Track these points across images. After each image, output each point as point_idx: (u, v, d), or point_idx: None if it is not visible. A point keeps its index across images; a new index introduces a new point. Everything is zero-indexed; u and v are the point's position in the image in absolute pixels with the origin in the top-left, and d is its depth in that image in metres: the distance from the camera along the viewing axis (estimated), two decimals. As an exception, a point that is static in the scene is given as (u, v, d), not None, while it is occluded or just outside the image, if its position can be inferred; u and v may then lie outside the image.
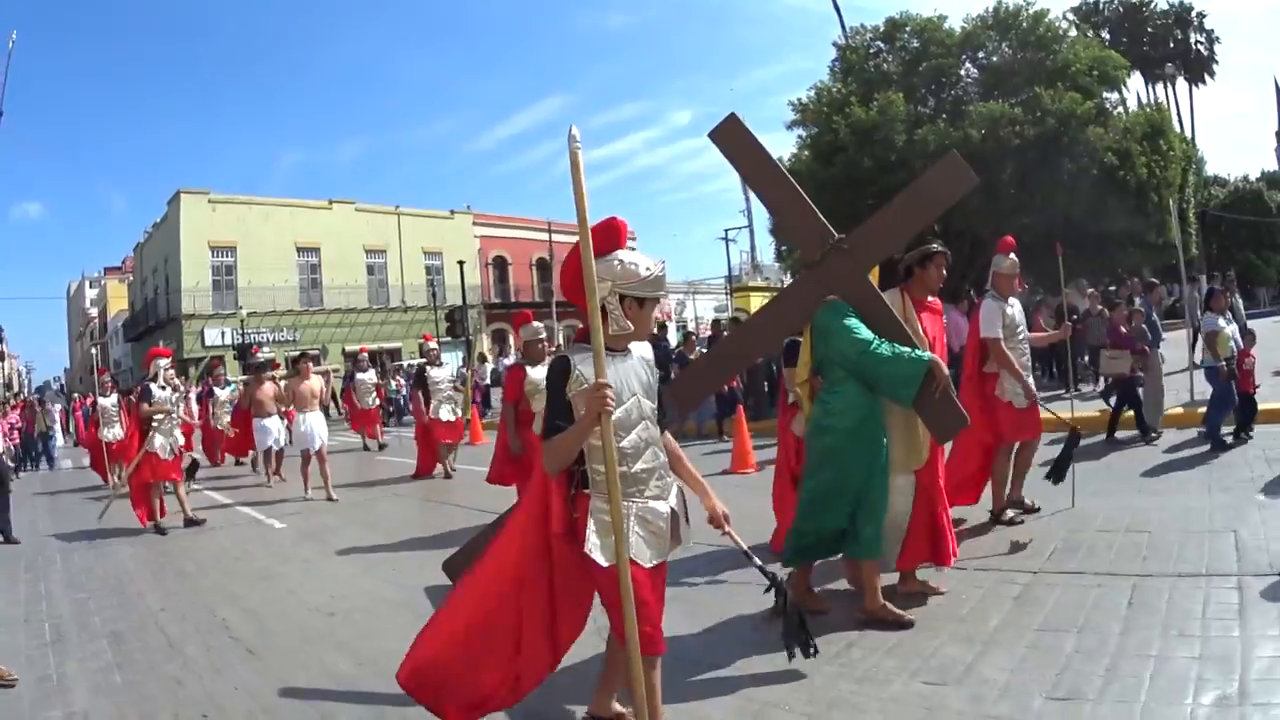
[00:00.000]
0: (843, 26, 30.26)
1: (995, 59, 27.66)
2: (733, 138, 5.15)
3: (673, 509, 3.24)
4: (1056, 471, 6.38)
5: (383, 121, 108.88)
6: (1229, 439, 8.27)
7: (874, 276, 5.02)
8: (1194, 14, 51.28)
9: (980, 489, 6.58)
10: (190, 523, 9.13)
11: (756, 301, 56.72)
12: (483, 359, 26.74)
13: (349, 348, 34.56)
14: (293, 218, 38.68)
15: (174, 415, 9.47)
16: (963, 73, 28.12)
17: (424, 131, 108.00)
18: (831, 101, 27.42)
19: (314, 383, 11.27)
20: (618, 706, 3.46)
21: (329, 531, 8.28)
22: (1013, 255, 6.62)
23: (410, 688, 3.21)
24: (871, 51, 28.70)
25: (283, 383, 12.69)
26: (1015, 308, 6.58)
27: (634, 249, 3.23)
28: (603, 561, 3.01)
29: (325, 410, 11.39)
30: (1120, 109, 29.19)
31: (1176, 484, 7.07)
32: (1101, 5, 50.47)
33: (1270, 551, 4.84)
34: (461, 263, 33.02)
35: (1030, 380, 6.49)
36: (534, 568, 3.22)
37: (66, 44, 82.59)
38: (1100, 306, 13.92)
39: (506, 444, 7.71)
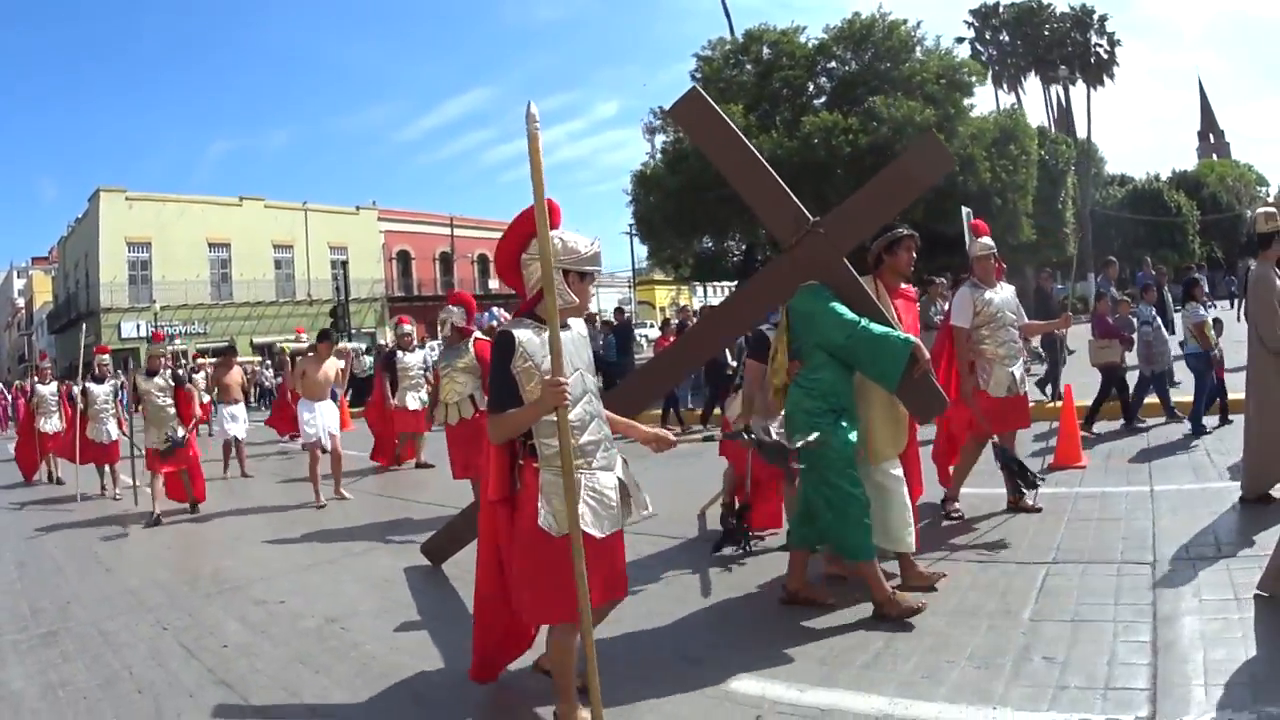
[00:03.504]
0: (731, 30, 30.47)
1: (847, 69, 27.82)
2: (695, 114, 4.83)
3: (620, 479, 3.33)
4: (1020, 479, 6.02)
5: (311, 110, 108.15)
6: (1207, 425, 8.40)
7: None
8: (1095, 17, 50.62)
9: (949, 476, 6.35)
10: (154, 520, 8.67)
11: (661, 294, 57.03)
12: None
13: (257, 340, 36.24)
14: (205, 214, 39.90)
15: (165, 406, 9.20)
16: (813, 84, 28.33)
17: (351, 120, 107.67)
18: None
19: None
20: (585, 714, 3.30)
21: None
22: (985, 238, 6.29)
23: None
24: (731, 63, 28.81)
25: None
26: (1001, 295, 6.21)
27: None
28: (555, 533, 3.11)
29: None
30: (972, 115, 28.58)
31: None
32: (1000, 8, 50.06)
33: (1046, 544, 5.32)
34: (344, 262, 34.89)
35: (1017, 370, 6.17)
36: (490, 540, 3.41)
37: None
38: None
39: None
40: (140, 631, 5.11)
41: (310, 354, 9.93)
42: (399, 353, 10.94)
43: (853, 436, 4.41)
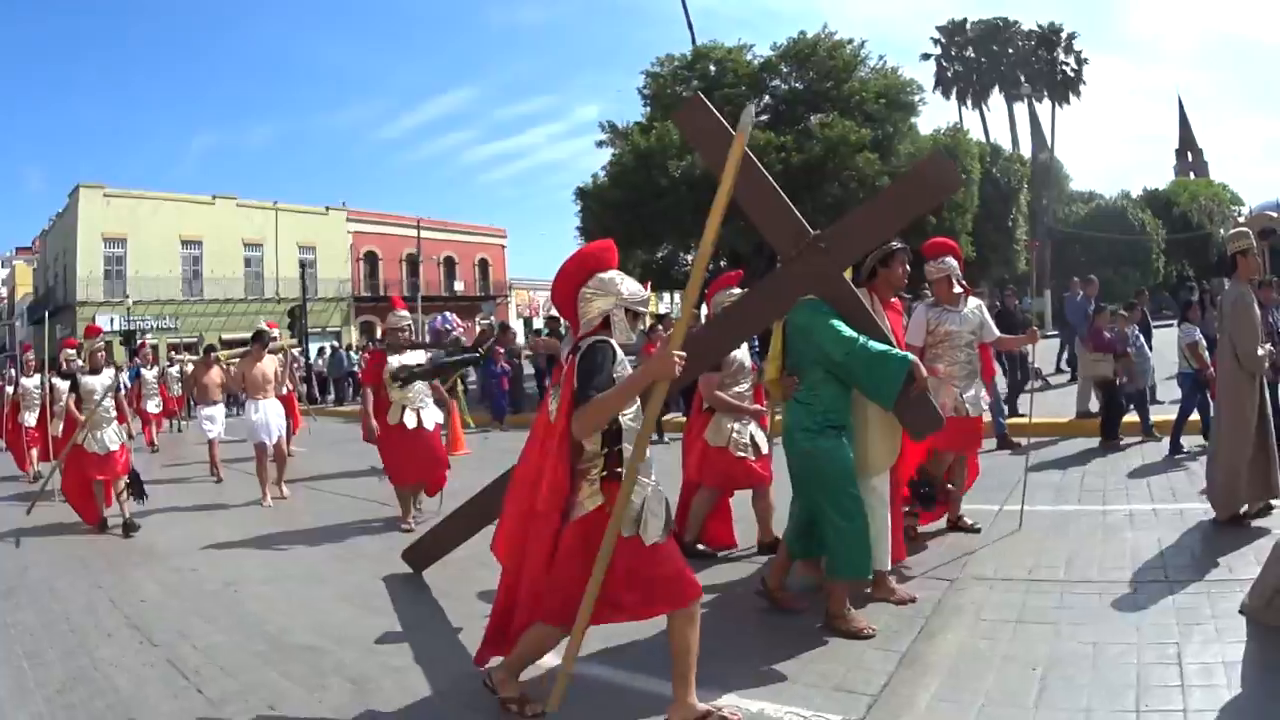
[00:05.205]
0: (693, 39, 30.60)
1: (789, 88, 28.13)
2: (697, 121, 4.79)
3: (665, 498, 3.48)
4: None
5: (296, 106, 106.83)
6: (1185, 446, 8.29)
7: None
8: (1062, 35, 50.94)
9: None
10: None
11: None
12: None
13: (226, 336, 36.87)
14: (179, 211, 40.57)
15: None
16: (755, 103, 27.48)
17: (334, 117, 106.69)
18: (632, 126, 28.40)
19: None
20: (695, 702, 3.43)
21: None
22: (946, 259, 6.07)
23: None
24: (678, 79, 28.72)
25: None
26: (961, 313, 6.03)
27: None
28: (648, 540, 3.28)
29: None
30: (922, 133, 28.98)
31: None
32: (967, 25, 50.61)
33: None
34: (309, 263, 35.67)
35: (968, 393, 5.99)
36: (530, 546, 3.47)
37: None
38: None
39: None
40: (80, 588, 6.50)
41: (246, 355, 10.34)
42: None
43: (850, 453, 4.42)
